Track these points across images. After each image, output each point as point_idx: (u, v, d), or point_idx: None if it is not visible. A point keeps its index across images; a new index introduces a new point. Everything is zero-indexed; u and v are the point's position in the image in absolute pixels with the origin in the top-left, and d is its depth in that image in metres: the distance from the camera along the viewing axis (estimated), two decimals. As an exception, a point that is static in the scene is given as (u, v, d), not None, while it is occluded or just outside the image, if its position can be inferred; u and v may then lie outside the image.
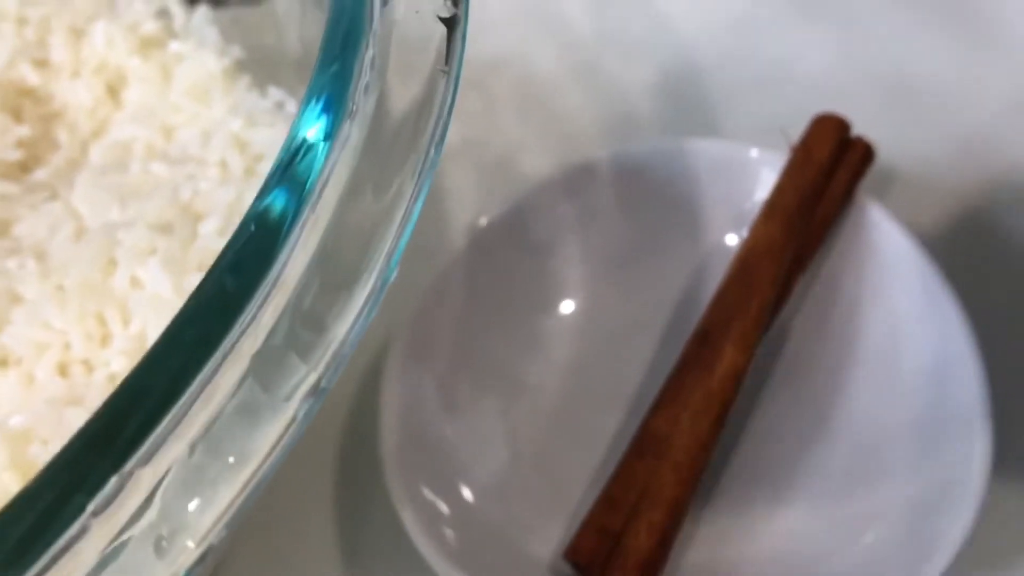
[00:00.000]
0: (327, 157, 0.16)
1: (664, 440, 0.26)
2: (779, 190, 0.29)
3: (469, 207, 0.35)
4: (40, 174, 0.29)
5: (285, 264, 0.15)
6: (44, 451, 0.21)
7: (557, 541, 0.27)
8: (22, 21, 0.32)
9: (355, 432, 0.31)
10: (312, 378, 0.13)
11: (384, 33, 0.18)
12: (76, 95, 0.31)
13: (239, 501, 0.12)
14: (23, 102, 0.31)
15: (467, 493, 0.28)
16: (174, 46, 0.31)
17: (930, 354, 0.28)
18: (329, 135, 0.16)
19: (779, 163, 0.30)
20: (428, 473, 0.27)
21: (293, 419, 0.13)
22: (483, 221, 0.31)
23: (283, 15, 0.27)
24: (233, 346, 0.14)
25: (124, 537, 0.12)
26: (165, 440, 0.13)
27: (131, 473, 0.13)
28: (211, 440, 0.13)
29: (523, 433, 0.29)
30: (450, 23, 0.17)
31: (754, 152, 0.31)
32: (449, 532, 0.26)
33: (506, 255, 0.31)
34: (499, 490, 0.28)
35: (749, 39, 0.38)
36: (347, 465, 0.30)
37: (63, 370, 0.23)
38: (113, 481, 0.13)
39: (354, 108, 0.16)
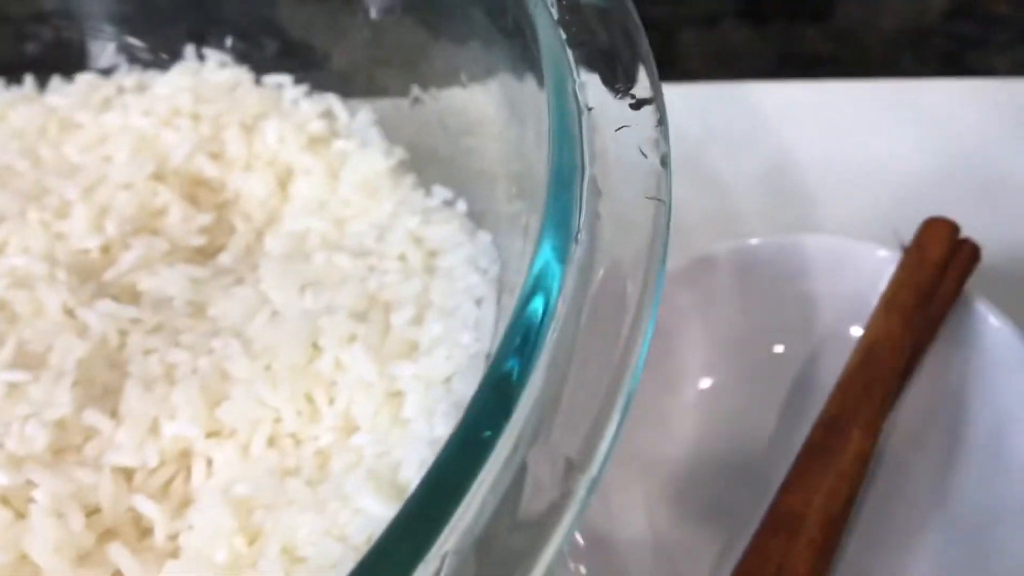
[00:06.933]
0: (555, 311, 0.18)
1: (798, 518, 0.28)
2: (897, 286, 0.32)
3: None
4: (224, 259, 0.32)
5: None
6: (268, 517, 0.24)
7: (691, 613, 0.29)
8: (196, 117, 0.36)
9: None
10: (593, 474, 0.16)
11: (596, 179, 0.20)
12: (248, 186, 0.34)
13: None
14: (199, 191, 0.34)
15: (602, 563, 0.30)
16: (339, 144, 0.34)
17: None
18: (552, 302, 0.18)
19: (893, 260, 0.33)
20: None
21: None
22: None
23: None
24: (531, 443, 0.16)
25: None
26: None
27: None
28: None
29: (653, 508, 0.32)
30: (664, 160, 0.20)
31: (875, 249, 0.33)
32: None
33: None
34: (630, 563, 0.30)
35: (846, 139, 0.41)
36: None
37: (272, 442, 0.26)
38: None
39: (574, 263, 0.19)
